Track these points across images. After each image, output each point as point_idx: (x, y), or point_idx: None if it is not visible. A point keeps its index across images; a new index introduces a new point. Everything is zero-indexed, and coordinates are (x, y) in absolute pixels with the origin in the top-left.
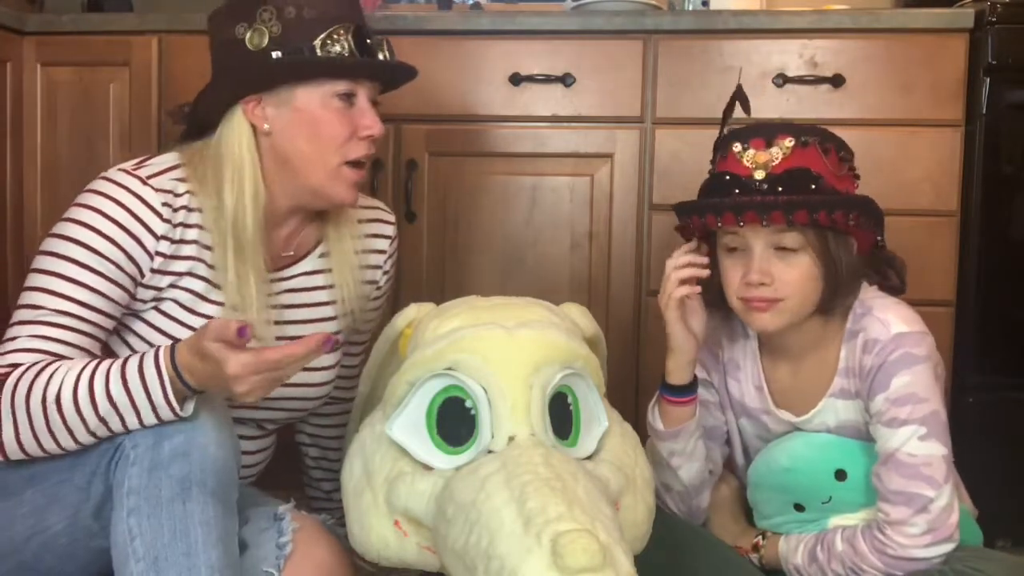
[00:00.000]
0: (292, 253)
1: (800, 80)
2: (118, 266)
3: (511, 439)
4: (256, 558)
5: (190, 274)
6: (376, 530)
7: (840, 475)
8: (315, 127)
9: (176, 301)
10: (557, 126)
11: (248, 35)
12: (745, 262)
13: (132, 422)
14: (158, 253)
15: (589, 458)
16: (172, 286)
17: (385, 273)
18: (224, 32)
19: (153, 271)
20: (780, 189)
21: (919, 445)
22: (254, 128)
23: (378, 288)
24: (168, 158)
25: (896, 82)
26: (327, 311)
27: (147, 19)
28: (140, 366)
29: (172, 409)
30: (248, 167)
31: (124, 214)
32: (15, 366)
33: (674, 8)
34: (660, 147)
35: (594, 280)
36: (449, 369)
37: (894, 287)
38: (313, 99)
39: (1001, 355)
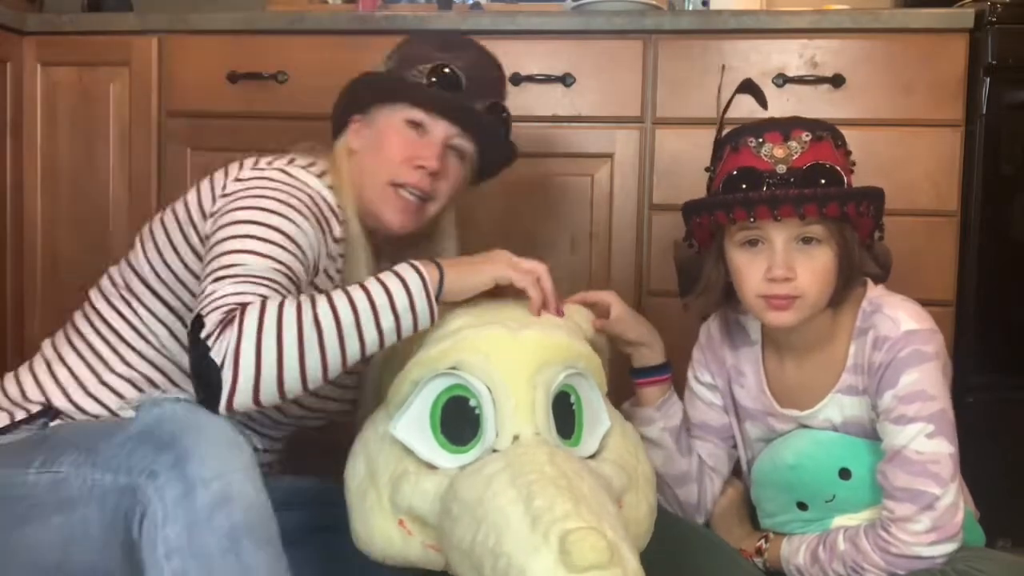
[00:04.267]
0: None
1: (800, 80)
2: (304, 252)
3: (515, 438)
4: None
5: (328, 275)
6: (380, 529)
7: (844, 474)
8: (380, 143)
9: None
10: (557, 126)
11: (382, 67)
12: (766, 256)
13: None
14: (329, 256)
15: (592, 457)
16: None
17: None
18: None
19: (320, 257)
20: (806, 182)
21: (926, 443)
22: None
23: None
24: (312, 163)
25: (896, 82)
26: None
27: (147, 19)
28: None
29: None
30: (345, 182)
31: (317, 211)
32: (240, 305)
33: (674, 8)
34: (660, 147)
35: (594, 280)
36: (453, 368)
37: (876, 276)
38: (391, 120)
39: (1001, 355)
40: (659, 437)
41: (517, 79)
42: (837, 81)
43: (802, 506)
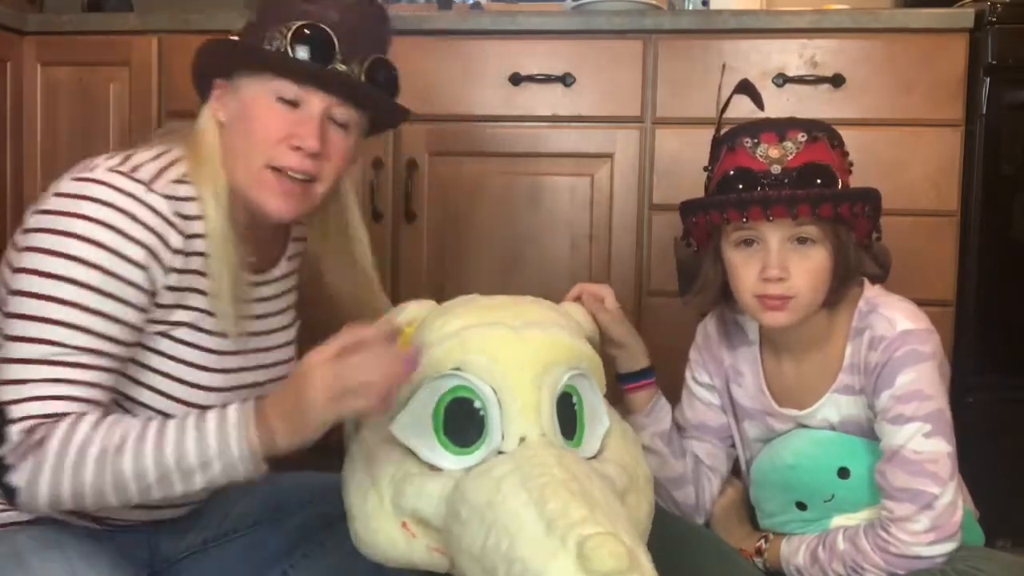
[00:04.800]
0: (272, 256)
1: (800, 80)
2: (138, 287)
3: (522, 440)
4: None
5: (194, 290)
6: (383, 532)
7: (843, 473)
8: (248, 121)
9: (188, 324)
10: (557, 126)
11: (243, 22)
12: (760, 257)
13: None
14: (172, 269)
15: (594, 457)
16: (179, 306)
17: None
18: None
19: (166, 288)
20: (801, 183)
21: (924, 442)
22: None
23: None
24: (160, 155)
25: (896, 82)
26: (285, 335)
27: (147, 19)
28: (221, 411)
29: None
30: (208, 158)
31: (138, 227)
32: (49, 417)
33: (674, 8)
34: (660, 147)
35: (594, 280)
36: (457, 369)
37: (875, 277)
38: (259, 94)
39: (1001, 355)
40: (651, 443)
41: (517, 79)
42: (837, 81)
43: (801, 506)
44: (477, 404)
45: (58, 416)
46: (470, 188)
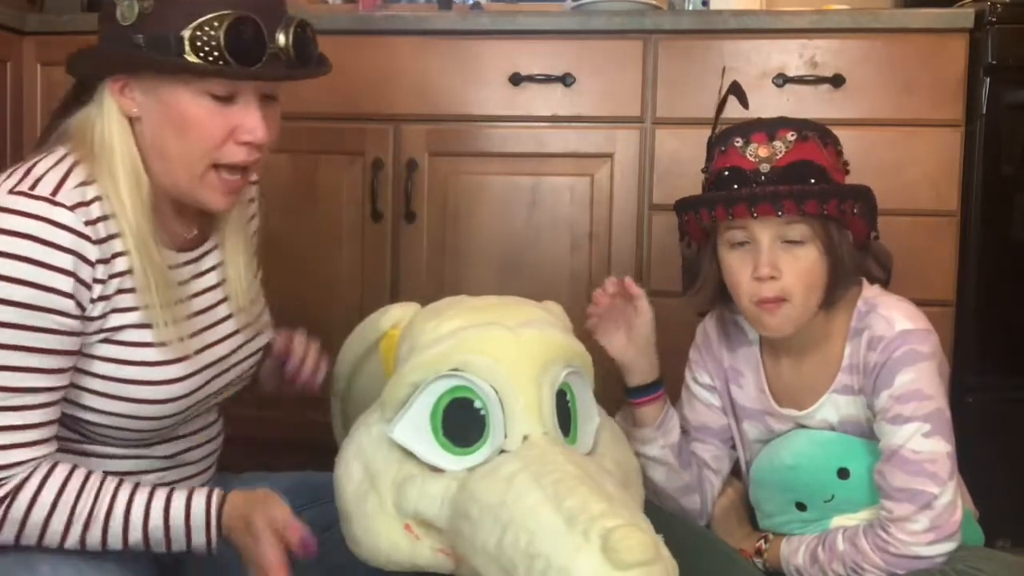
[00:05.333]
0: (196, 233)
1: (800, 80)
2: (66, 314)
3: (525, 438)
4: None
5: (123, 291)
6: (385, 535)
7: (843, 473)
8: (183, 125)
9: (127, 326)
10: (557, 126)
11: (122, 5)
12: (753, 257)
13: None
14: (96, 280)
15: (590, 454)
16: (114, 311)
17: (255, 232)
18: None
19: (93, 301)
20: (788, 181)
21: (923, 442)
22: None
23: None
24: (59, 161)
25: (896, 82)
26: (221, 310)
27: None
28: (187, 505)
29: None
30: (122, 155)
31: (52, 252)
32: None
33: (674, 8)
34: (660, 147)
35: (594, 280)
36: (455, 370)
37: (879, 279)
38: (182, 95)
39: (1001, 355)
40: (661, 455)
41: (517, 79)
42: (837, 81)
43: (801, 506)
44: (477, 404)
45: (13, 466)
46: (470, 188)
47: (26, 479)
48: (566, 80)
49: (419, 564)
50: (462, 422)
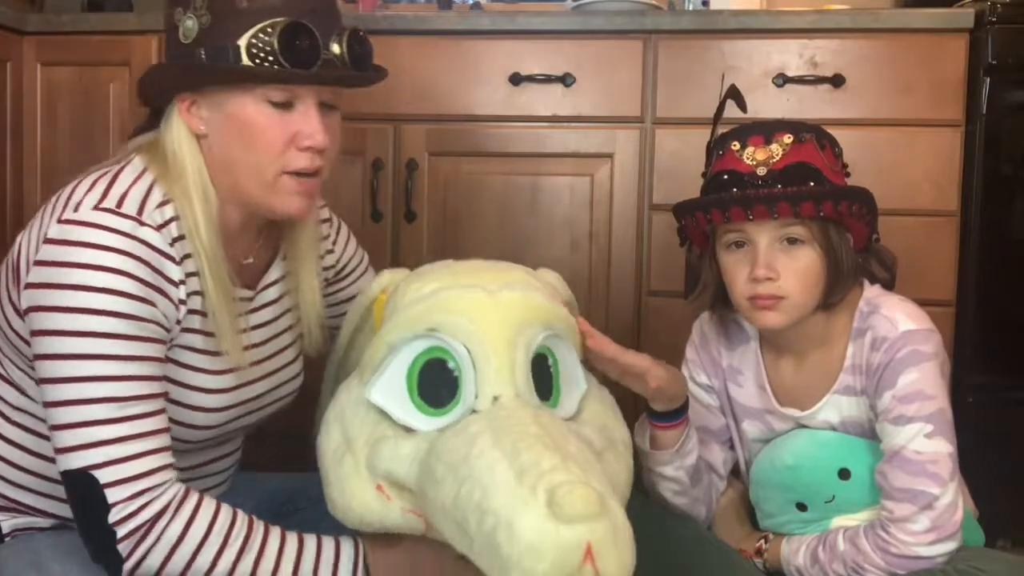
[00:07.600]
0: (252, 261)
1: (800, 80)
2: (160, 324)
3: (496, 399)
4: None
5: (193, 311)
6: (358, 496)
7: (844, 474)
8: (248, 135)
9: (188, 347)
10: (557, 126)
11: (182, 23)
12: (750, 258)
13: None
14: (180, 301)
15: (571, 419)
16: (183, 330)
17: (331, 252)
18: (168, 14)
19: (178, 321)
20: (784, 183)
21: (925, 442)
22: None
23: (336, 274)
24: (139, 176)
25: (896, 82)
26: (286, 338)
27: (147, 19)
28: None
29: None
30: (192, 173)
31: (140, 266)
32: (141, 477)
33: (674, 8)
34: (660, 147)
35: (594, 280)
36: (431, 330)
37: (883, 281)
38: (245, 104)
39: (1001, 355)
40: (675, 475)
41: (517, 79)
42: (837, 81)
43: (801, 506)
44: (451, 365)
45: (147, 475)
46: (470, 188)
47: (177, 508)
48: (566, 80)
49: (389, 525)
50: (436, 383)
